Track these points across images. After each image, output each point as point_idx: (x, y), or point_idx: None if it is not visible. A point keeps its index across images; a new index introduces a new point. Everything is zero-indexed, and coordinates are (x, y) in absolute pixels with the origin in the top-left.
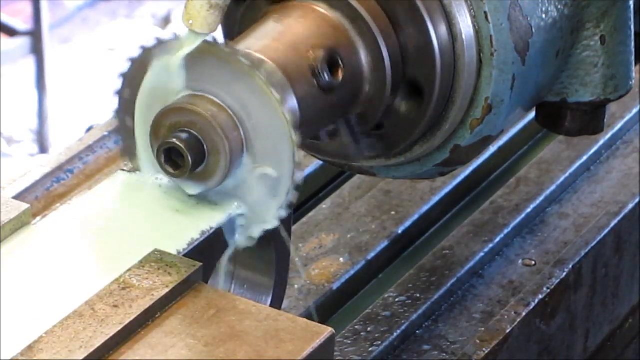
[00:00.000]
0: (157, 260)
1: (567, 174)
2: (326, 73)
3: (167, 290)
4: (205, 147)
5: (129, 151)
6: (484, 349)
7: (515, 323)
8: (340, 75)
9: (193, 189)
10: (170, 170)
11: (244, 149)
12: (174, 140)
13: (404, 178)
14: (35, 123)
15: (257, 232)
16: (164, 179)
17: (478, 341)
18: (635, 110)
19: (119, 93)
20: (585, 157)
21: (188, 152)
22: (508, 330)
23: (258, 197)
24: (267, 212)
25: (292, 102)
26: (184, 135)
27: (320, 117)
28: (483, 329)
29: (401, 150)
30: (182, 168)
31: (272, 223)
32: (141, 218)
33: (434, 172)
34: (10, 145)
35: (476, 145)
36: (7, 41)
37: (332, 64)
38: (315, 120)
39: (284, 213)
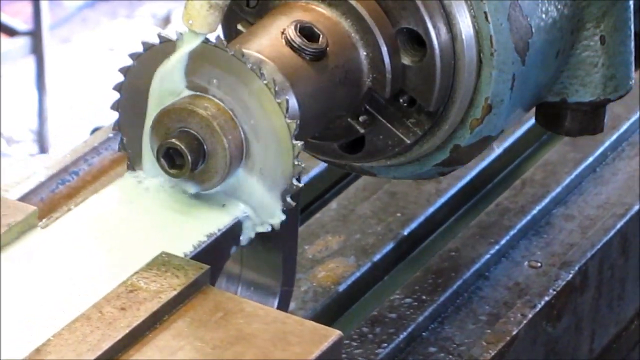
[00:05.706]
0: (164, 262)
1: (572, 176)
2: (299, 37)
3: (174, 292)
4: (205, 147)
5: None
6: (490, 351)
7: (522, 325)
8: (322, 40)
9: (193, 189)
10: (170, 170)
11: (244, 149)
12: (174, 140)
13: (404, 178)
14: (35, 123)
15: (253, 233)
16: (169, 182)
17: (484, 343)
18: None
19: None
20: (590, 159)
21: (188, 152)
22: (514, 332)
23: (258, 199)
24: (265, 214)
25: (292, 102)
26: (184, 136)
27: (320, 115)
28: (489, 330)
29: (401, 150)
30: (182, 168)
31: (266, 227)
32: (148, 221)
33: (434, 172)
34: (10, 145)
35: (476, 145)
36: (7, 41)
37: (310, 36)
38: (315, 116)
39: (280, 218)
